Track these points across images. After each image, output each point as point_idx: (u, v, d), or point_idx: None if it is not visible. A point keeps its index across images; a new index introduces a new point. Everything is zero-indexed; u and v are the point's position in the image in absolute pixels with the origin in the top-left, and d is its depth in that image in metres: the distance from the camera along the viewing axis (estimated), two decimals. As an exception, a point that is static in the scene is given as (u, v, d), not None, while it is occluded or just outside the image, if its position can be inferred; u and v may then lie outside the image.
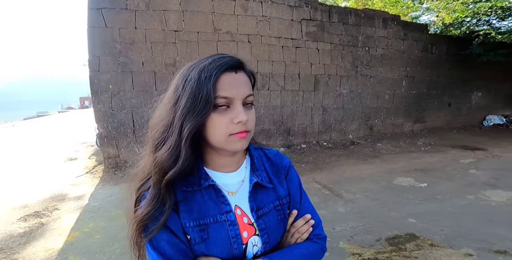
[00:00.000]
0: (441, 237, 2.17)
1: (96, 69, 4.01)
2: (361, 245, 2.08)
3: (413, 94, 6.81)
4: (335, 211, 2.72)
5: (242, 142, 0.54)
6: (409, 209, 2.72)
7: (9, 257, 1.95)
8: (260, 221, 0.61)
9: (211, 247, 0.56)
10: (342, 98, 5.88)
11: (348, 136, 6.15)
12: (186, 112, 0.50)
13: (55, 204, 2.97)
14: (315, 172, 4.14)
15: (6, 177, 3.90)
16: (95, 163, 4.61)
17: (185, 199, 0.56)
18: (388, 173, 3.99)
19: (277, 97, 5.23)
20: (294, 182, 0.70)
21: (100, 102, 4.07)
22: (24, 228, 2.40)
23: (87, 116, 11.78)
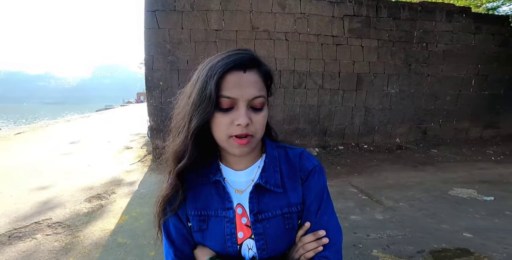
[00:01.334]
0: (502, 255, 1.82)
1: (150, 67, 4.52)
2: (398, 256, 1.86)
3: (485, 95, 5.75)
4: (372, 218, 2.50)
5: (242, 149, 0.52)
6: (466, 223, 2.33)
7: (73, 234, 2.27)
8: (257, 225, 0.57)
9: (207, 239, 0.59)
10: (389, 98, 5.34)
11: (395, 140, 5.55)
12: (194, 109, 0.50)
13: (113, 188, 3.39)
14: (352, 175, 3.86)
15: (79, 161, 4.62)
16: (146, 153, 5.14)
17: (194, 189, 0.59)
18: (444, 182, 3.49)
19: (314, 96, 5.03)
20: (313, 190, 0.59)
21: (152, 97, 4.55)
22: (88, 209, 2.78)
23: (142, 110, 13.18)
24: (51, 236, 2.23)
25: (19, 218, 2.56)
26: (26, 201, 2.95)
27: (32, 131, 8.32)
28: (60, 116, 19.69)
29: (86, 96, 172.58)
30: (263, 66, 0.54)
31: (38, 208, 2.78)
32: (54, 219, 2.53)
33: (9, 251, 2.03)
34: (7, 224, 2.44)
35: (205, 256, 0.58)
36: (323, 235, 0.57)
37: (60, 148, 5.73)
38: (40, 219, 2.52)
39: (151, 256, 1.94)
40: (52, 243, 2.12)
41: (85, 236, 2.22)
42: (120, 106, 21.94)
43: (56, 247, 2.07)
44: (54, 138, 7.01)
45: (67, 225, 2.41)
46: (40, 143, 6.39)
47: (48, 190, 3.30)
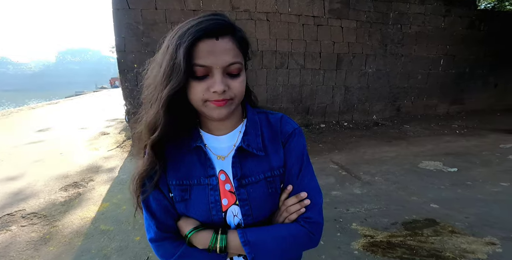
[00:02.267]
0: (464, 225, 2.00)
1: (122, 50, 4.19)
2: (375, 228, 2.00)
3: (452, 73, 6.18)
4: (351, 193, 2.63)
5: (220, 110, 0.50)
6: (433, 194, 2.53)
7: (51, 224, 2.17)
8: (241, 191, 0.56)
9: (191, 208, 0.57)
10: (367, 77, 5.54)
11: (372, 117, 5.84)
12: (165, 78, 0.48)
13: (90, 175, 3.24)
14: (333, 152, 4.00)
15: (50, 149, 4.32)
16: (124, 138, 4.92)
17: (174, 158, 0.57)
18: (414, 156, 3.72)
19: (296, 76, 5.07)
20: (294, 152, 0.59)
21: (127, 80, 4.28)
22: (65, 198, 2.65)
23: (117, 95, 12.42)
24: (27, 227, 2.13)
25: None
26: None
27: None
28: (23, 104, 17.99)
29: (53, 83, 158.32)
30: (238, 31, 0.51)
31: (8, 200, 2.61)
32: (28, 210, 2.39)
33: None
34: None
35: (189, 227, 0.56)
36: (305, 197, 0.57)
37: (27, 137, 5.30)
38: (13, 211, 2.38)
39: (137, 241, 1.91)
40: (29, 234, 2.03)
41: (64, 225, 2.14)
42: (93, 92, 20.50)
43: (34, 237, 1.98)
44: (19, 127, 6.45)
45: (43, 215, 2.29)
46: (3, 132, 5.87)
47: (18, 181, 3.09)
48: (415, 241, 1.82)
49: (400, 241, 1.83)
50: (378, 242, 1.83)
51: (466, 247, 1.74)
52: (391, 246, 1.78)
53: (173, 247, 0.56)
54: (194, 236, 0.55)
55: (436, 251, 1.71)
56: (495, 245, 1.74)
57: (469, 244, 1.77)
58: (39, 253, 1.80)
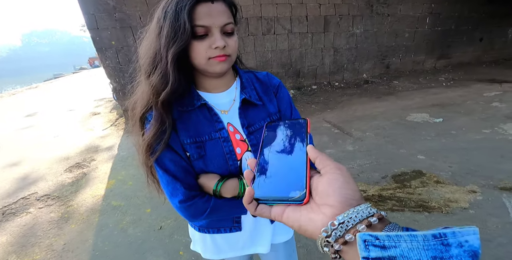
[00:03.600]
0: (447, 174, 2.13)
1: (95, 27, 3.84)
2: (367, 182, 2.12)
3: (438, 31, 6.21)
4: (344, 150, 2.73)
5: (222, 65, 0.55)
6: (420, 145, 2.65)
7: (66, 204, 2.25)
8: (251, 137, 0.63)
9: (209, 163, 0.60)
10: (355, 38, 5.47)
11: (362, 76, 5.89)
12: (169, 40, 0.52)
13: (91, 155, 3.25)
14: (325, 111, 4.04)
15: (43, 133, 4.23)
16: (117, 116, 4.80)
17: (181, 119, 0.60)
18: (402, 109, 3.80)
19: (284, 41, 4.94)
20: (284, 100, 0.69)
21: (107, 58, 4.00)
22: (71, 178, 2.69)
23: (99, 74, 11.71)
24: (44, 208, 2.20)
25: (3, 196, 2.45)
26: (2, 179, 2.78)
27: (-26, 107, 7.19)
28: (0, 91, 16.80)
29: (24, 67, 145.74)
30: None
31: (18, 184, 2.65)
32: (40, 192, 2.45)
33: (9, 226, 2.01)
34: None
35: (213, 180, 0.59)
36: None
37: (16, 123, 5.12)
38: (26, 194, 2.43)
39: (148, 213, 2.02)
40: (48, 214, 2.11)
41: (79, 204, 2.22)
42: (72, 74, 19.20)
43: (54, 217, 2.07)
44: (5, 113, 6.18)
45: (56, 197, 2.36)
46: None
47: (22, 166, 3.09)
48: (404, 193, 1.96)
49: (390, 194, 1.96)
50: (371, 196, 1.96)
51: (450, 197, 1.87)
52: (382, 199, 1.91)
53: (203, 203, 0.58)
54: (223, 187, 0.58)
55: (423, 202, 1.84)
56: (475, 193, 1.88)
57: (452, 193, 1.90)
58: (63, 231, 1.91)
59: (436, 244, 0.21)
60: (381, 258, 0.22)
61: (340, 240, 0.26)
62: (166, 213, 1.98)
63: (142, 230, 1.83)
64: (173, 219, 1.90)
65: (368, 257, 0.22)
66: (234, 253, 0.77)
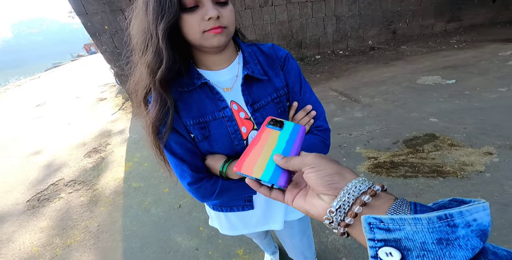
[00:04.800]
0: (462, 136, 2.02)
1: (84, 13, 3.61)
2: (378, 149, 2.06)
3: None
4: (352, 117, 2.64)
5: (219, 38, 0.50)
6: (432, 108, 2.53)
7: (92, 188, 2.33)
8: (256, 115, 0.58)
9: (214, 144, 0.58)
10: (357, 5, 5.04)
11: (367, 42, 5.55)
12: (156, 16, 0.47)
13: (105, 139, 3.30)
14: (331, 80, 3.87)
15: (57, 122, 4.27)
16: (123, 100, 4.76)
17: (182, 99, 0.56)
18: (412, 73, 3.58)
19: (283, 12, 4.61)
20: (292, 72, 0.63)
21: (103, 43, 3.84)
22: (92, 163, 2.76)
23: (98, 60, 11.36)
24: (74, 193, 2.31)
25: (34, 183, 2.57)
26: (30, 168, 2.89)
27: (-15, 101, 7.24)
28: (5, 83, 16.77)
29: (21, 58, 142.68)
30: None
31: (45, 172, 2.75)
32: (67, 178, 2.55)
33: (46, 211, 2.14)
34: (27, 190, 2.47)
35: (219, 162, 0.57)
36: (310, 109, 0.62)
37: (29, 113, 5.18)
38: (55, 181, 2.54)
39: (166, 192, 2.09)
40: (78, 198, 2.22)
41: (103, 187, 2.31)
42: (71, 61, 18.78)
43: (84, 201, 2.17)
44: (15, 105, 6.22)
45: (82, 181, 2.45)
46: (2, 112, 5.70)
47: (44, 154, 3.19)
48: (416, 158, 1.88)
49: (403, 160, 1.89)
50: (382, 163, 1.90)
51: (465, 160, 1.78)
52: (394, 165, 1.85)
53: (211, 185, 0.57)
54: (229, 169, 0.56)
55: (437, 167, 1.77)
56: (492, 155, 1.77)
57: (467, 156, 1.81)
58: (95, 213, 2.01)
59: (441, 226, 0.20)
60: (386, 240, 0.22)
61: (342, 223, 0.27)
62: (183, 192, 2.03)
63: (163, 209, 1.90)
64: (190, 198, 1.96)
65: (374, 239, 0.23)
66: (248, 230, 0.77)
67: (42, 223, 2.01)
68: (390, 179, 1.75)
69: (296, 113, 0.62)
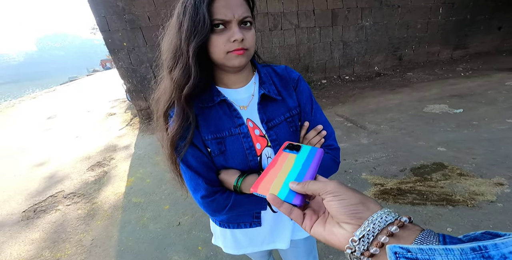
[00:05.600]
0: (471, 166, 2.01)
1: (106, 29, 3.93)
2: (384, 176, 2.04)
3: (453, 21, 5.94)
4: (358, 143, 2.66)
5: (240, 59, 0.54)
6: (439, 137, 2.54)
7: (91, 201, 2.34)
8: (271, 132, 0.62)
9: (229, 159, 0.60)
10: (364, 31, 5.34)
11: (373, 68, 5.75)
12: (189, 35, 0.52)
13: (110, 154, 3.36)
14: (337, 105, 3.95)
15: (65, 134, 4.40)
16: (131, 116, 4.92)
17: (202, 114, 0.60)
18: (419, 101, 3.66)
19: (291, 36, 4.89)
20: (304, 94, 0.68)
21: (120, 59, 4.09)
22: (94, 177, 2.79)
23: (112, 76, 11.98)
24: (72, 205, 2.30)
25: (32, 194, 2.58)
26: (31, 178, 2.93)
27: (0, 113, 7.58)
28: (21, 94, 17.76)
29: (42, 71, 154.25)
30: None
31: (46, 183, 2.78)
32: (67, 190, 2.56)
33: (41, 223, 2.12)
34: (25, 200, 2.48)
35: (234, 176, 0.59)
36: (321, 129, 0.66)
37: (39, 125, 5.37)
38: (54, 192, 2.55)
39: (166, 209, 2.07)
40: (75, 211, 2.21)
41: (102, 201, 2.31)
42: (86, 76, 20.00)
43: (81, 214, 2.16)
44: (28, 117, 6.48)
45: (81, 194, 2.46)
46: (15, 123, 5.92)
47: (48, 166, 3.24)
48: (425, 186, 1.86)
49: (410, 187, 1.87)
50: (389, 189, 1.88)
51: (475, 189, 1.76)
52: (402, 192, 1.83)
53: (224, 199, 0.58)
54: (243, 183, 0.58)
55: (446, 195, 1.75)
56: (503, 186, 1.75)
57: (477, 186, 1.79)
58: (90, 227, 1.99)
59: (475, 257, 0.20)
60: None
61: (366, 253, 0.26)
62: (184, 209, 2.02)
63: (162, 226, 1.88)
64: (190, 215, 1.94)
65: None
66: (254, 249, 0.76)
67: (34, 235, 1.99)
68: (397, 206, 1.72)
69: (308, 133, 0.66)
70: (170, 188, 2.34)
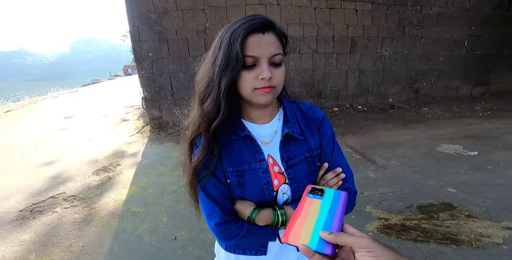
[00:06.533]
0: (481, 209, 1.98)
1: (137, 39, 4.24)
2: (389, 211, 2.03)
3: (477, 55, 5.88)
4: (365, 176, 2.64)
5: (266, 96, 0.57)
6: (451, 178, 2.50)
7: (89, 206, 2.36)
8: (290, 171, 0.64)
9: (246, 191, 0.62)
10: (383, 60, 5.39)
11: (388, 100, 5.72)
12: (222, 70, 0.54)
13: (117, 160, 3.44)
14: (347, 135, 3.97)
15: (78, 136, 4.58)
16: (143, 124, 5.10)
17: (225, 147, 0.62)
18: (432, 139, 3.62)
19: (308, 60, 5.01)
20: (326, 135, 0.69)
21: (143, 68, 4.36)
22: (98, 181, 2.85)
23: (132, 82, 12.59)
24: (70, 209, 2.33)
25: (34, 193, 2.63)
26: (36, 177, 3.00)
27: (22, 108, 8.03)
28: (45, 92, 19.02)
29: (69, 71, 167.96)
30: (278, 28, 0.59)
31: (49, 183, 2.85)
32: (68, 193, 2.61)
33: (35, 224, 2.13)
34: (25, 199, 2.52)
35: (249, 208, 0.61)
36: (340, 171, 0.67)
37: (56, 124, 5.61)
38: (55, 194, 2.60)
39: (164, 222, 2.07)
40: (72, 215, 2.23)
41: (101, 207, 2.33)
42: (108, 80, 21.31)
43: (77, 218, 2.18)
44: (46, 115, 6.81)
45: (82, 198, 2.50)
46: (33, 120, 6.22)
47: (55, 165, 3.34)
48: (430, 225, 1.84)
49: (415, 224, 1.85)
50: (392, 225, 1.86)
51: (482, 231, 1.74)
52: (406, 229, 1.81)
53: (237, 228, 0.61)
54: (258, 216, 0.60)
55: (451, 235, 1.73)
56: (511, 230, 1.74)
57: (485, 228, 1.77)
58: (84, 233, 2.00)
59: None
60: None
61: None
62: (181, 223, 2.01)
63: (157, 239, 1.87)
64: (188, 231, 1.93)
65: None
66: None
67: (24, 236, 1.99)
68: (399, 241, 1.71)
69: (326, 174, 0.67)
70: (171, 200, 2.35)
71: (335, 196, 0.42)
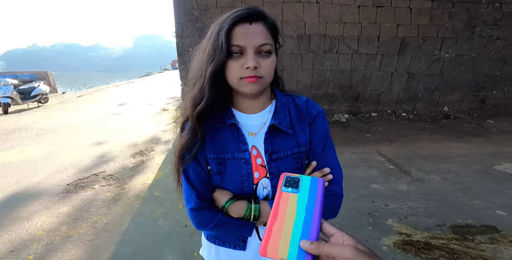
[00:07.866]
0: None
1: (180, 35, 4.55)
2: (415, 227, 1.82)
3: None
4: (394, 188, 2.40)
5: (252, 86, 0.56)
6: (503, 200, 2.12)
7: (121, 186, 2.60)
8: (272, 165, 0.62)
9: (225, 181, 0.62)
10: (441, 63, 4.74)
11: (442, 108, 5.02)
12: (209, 58, 0.56)
13: (152, 146, 3.76)
14: (382, 143, 3.63)
15: (126, 121, 5.14)
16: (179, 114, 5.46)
17: (211, 133, 0.63)
18: (491, 156, 3.08)
19: (346, 61, 4.70)
20: (319, 132, 0.65)
21: (184, 62, 4.68)
22: (133, 164, 3.14)
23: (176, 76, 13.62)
24: (105, 187, 2.60)
25: (82, 169, 3.01)
26: (87, 155, 3.44)
27: (90, 94, 9.42)
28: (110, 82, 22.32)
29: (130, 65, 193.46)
30: (268, 19, 0.58)
31: (96, 162, 3.23)
32: (108, 172, 2.92)
33: (75, 198, 2.40)
34: (74, 174, 2.89)
35: (225, 198, 0.61)
36: (328, 172, 0.63)
37: (111, 109, 6.42)
38: (98, 171, 2.93)
39: (179, 209, 2.19)
40: (105, 193, 2.48)
41: (130, 189, 2.56)
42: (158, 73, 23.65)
43: (108, 197, 2.41)
44: (106, 101, 7.85)
45: (117, 178, 2.78)
46: (95, 104, 7.23)
47: (103, 146, 3.80)
48: (461, 246, 1.61)
49: (442, 244, 1.63)
50: (414, 241, 1.67)
51: None
52: (429, 247, 1.61)
53: (210, 216, 0.61)
54: (230, 206, 0.60)
55: (483, 259, 1.49)
56: None
57: None
58: (110, 211, 2.19)
59: None
60: None
61: None
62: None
63: (169, 224, 1.99)
64: (198, 220, 2.01)
65: None
66: None
67: (63, 209, 2.19)
68: None
69: (313, 173, 0.64)
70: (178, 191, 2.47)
71: (312, 185, 0.40)
